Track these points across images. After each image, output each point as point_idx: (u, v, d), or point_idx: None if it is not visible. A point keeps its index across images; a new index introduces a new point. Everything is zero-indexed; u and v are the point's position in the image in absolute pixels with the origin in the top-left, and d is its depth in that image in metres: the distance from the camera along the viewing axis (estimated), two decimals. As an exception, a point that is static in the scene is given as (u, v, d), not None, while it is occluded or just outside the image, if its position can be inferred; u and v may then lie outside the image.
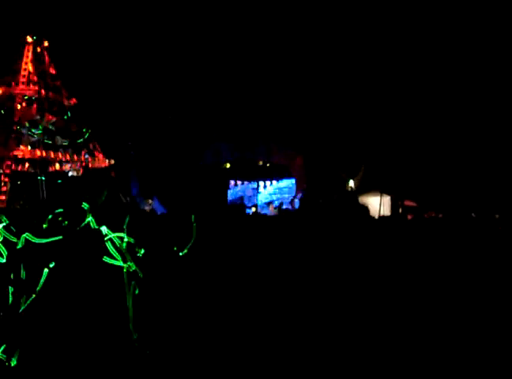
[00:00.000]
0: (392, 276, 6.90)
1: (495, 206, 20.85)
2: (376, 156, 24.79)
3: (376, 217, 19.18)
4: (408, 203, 23.18)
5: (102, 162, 30.45)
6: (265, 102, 28.95)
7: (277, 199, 28.40)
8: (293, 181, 28.77)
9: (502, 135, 24.89)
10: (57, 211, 4.85)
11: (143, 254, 5.28)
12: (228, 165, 31.02)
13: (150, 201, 27.60)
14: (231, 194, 29.62)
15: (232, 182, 30.17)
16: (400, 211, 22.43)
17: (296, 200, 26.95)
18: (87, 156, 29.73)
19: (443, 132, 25.46)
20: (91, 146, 30.24)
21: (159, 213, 23.91)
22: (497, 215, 19.19)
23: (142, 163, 31.03)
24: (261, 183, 29.39)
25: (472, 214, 19.63)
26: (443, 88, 26.00)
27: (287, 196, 28.49)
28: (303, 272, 6.94)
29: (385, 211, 21.73)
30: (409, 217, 20.16)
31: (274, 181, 29.34)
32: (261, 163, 30.83)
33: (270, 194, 28.99)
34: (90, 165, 30.20)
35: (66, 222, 4.89)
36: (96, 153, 30.48)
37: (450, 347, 4.02)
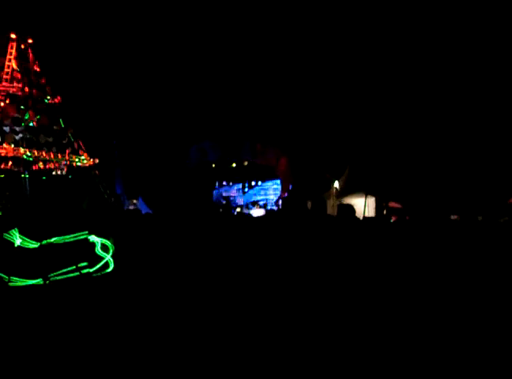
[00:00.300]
0: (379, 277, 6.91)
1: (479, 208, 21.00)
2: (361, 157, 24.88)
3: (360, 218, 19.23)
4: (392, 204, 23.31)
5: (86, 161, 30.28)
6: (250, 101, 28.95)
7: (262, 200, 28.44)
8: (278, 181, 28.82)
9: (488, 136, 25.11)
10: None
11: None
12: (213, 165, 31.01)
13: (135, 201, 27.49)
14: (215, 194, 29.62)
15: (217, 183, 30.19)
16: (385, 212, 22.51)
17: (281, 201, 27.00)
18: (71, 155, 29.52)
19: (429, 133, 25.62)
20: (75, 145, 30.04)
21: (143, 213, 23.78)
22: (480, 218, 19.31)
23: (127, 162, 30.93)
24: (246, 184, 29.42)
25: (454, 216, 19.72)
26: (428, 90, 26.16)
27: (272, 197, 28.53)
28: (290, 272, 6.92)
29: (370, 212, 21.80)
30: (393, 219, 20.25)
31: (259, 182, 29.37)
32: (246, 163, 30.83)
33: (255, 195, 29.03)
34: (74, 164, 30.01)
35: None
36: (80, 152, 30.28)
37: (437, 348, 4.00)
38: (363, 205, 21.40)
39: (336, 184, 24.34)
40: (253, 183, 29.35)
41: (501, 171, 24.43)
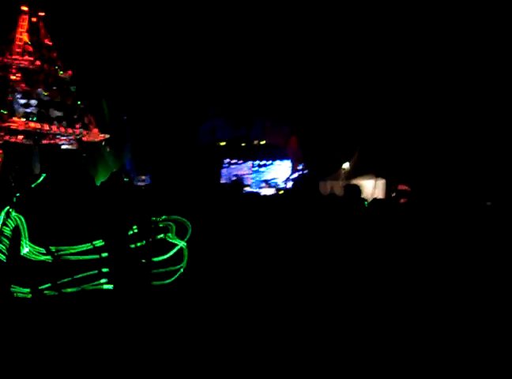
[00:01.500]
0: (386, 262, 6.89)
1: (488, 193, 20.90)
2: (372, 139, 24.77)
3: (369, 200, 19.20)
4: (401, 187, 23.23)
5: (97, 136, 30.30)
6: (261, 80, 28.77)
7: (272, 179, 28.43)
8: (289, 161, 28.77)
9: (498, 122, 24.90)
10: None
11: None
12: (223, 143, 30.92)
13: (143, 177, 27.52)
14: (225, 173, 29.61)
15: (227, 161, 30.15)
16: (394, 195, 22.46)
17: (291, 181, 26.95)
18: (81, 130, 29.56)
19: (439, 118, 25.45)
20: (86, 120, 30.05)
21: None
22: (488, 203, 19.22)
23: (137, 138, 30.94)
24: (257, 163, 29.39)
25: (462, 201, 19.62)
26: (439, 73, 25.93)
27: (282, 176, 28.50)
28: (300, 257, 6.90)
29: (379, 194, 21.75)
30: (402, 201, 20.18)
31: (270, 161, 29.33)
32: (256, 142, 30.73)
33: (265, 174, 29.02)
34: (84, 138, 30.06)
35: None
36: (90, 127, 30.30)
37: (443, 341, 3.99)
38: (372, 187, 21.39)
39: (346, 165, 24.29)
40: (263, 162, 29.31)
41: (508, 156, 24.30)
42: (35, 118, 27.60)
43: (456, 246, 8.06)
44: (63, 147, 30.58)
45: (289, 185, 26.83)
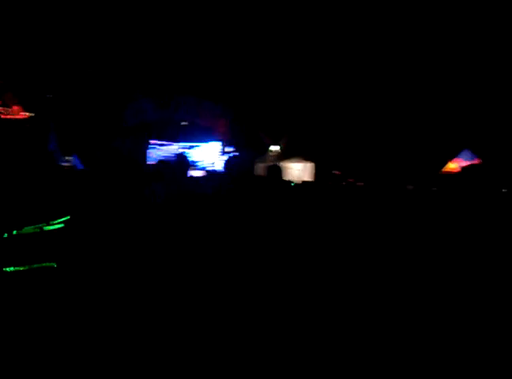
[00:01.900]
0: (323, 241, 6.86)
1: (410, 177, 21.53)
2: (302, 122, 24.97)
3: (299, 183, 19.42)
4: (330, 170, 23.59)
5: (17, 113, 28.88)
6: (188, 59, 28.29)
7: (201, 161, 28.15)
8: (217, 143, 28.55)
9: (428, 109, 25.66)
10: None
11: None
12: (151, 125, 30.29)
13: (69, 158, 26.53)
14: (152, 155, 29.05)
15: (154, 142, 29.60)
16: (323, 177, 22.76)
17: (220, 163, 26.79)
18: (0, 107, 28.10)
19: (368, 102, 25.94)
20: (5, 97, 28.58)
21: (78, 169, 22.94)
22: (410, 187, 19.81)
23: (61, 117, 29.78)
24: (185, 144, 29.02)
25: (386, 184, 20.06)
26: (368, 56, 26.35)
27: (211, 158, 28.27)
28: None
29: (308, 177, 22.03)
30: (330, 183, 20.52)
31: (197, 143, 29.02)
32: (183, 123, 30.29)
33: (192, 155, 28.68)
34: (3, 116, 28.60)
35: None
36: (10, 104, 28.85)
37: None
38: (301, 170, 21.61)
39: (275, 147, 24.40)
40: (190, 144, 28.97)
41: (434, 142, 25.15)
42: None
43: (380, 229, 8.20)
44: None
45: (219, 167, 26.68)
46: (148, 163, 27.57)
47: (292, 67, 26.42)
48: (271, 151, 24.74)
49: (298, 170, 21.61)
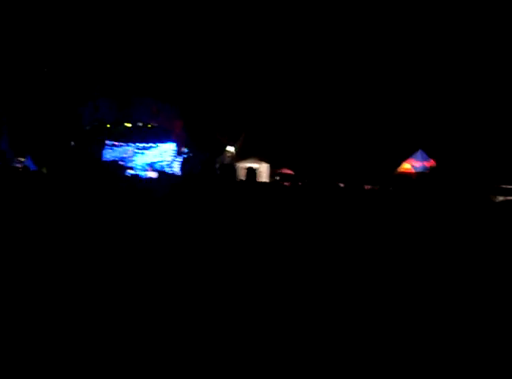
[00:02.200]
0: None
1: (366, 177, 21.91)
2: (256, 123, 25.16)
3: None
4: (285, 171, 23.90)
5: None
6: (145, 60, 28.16)
7: (157, 162, 28.06)
8: (173, 144, 28.50)
9: (378, 105, 26.15)
10: None
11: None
12: (108, 125, 30.00)
13: (22, 159, 26.03)
14: (108, 155, 28.77)
15: (110, 143, 29.33)
16: (278, 178, 23.04)
17: (176, 164, 26.81)
18: None
19: (323, 102, 26.28)
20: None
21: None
22: (367, 187, 20.17)
23: (13, 116, 29.19)
24: (141, 145, 28.87)
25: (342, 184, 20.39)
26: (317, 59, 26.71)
27: (167, 159, 28.20)
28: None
29: (264, 178, 22.24)
30: (286, 184, 20.77)
31: (154, 144, 28.91)
32: (140, 124, 30.11)
33: (150, 157, 28.58)
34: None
35: None
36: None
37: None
38: (257, 170, 21.79)
39: (231, 148, 24.55)
40: (147, 144, 28.83)
41: (390, 142, 25.66)
42: None
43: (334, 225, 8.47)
44: None
45: (175, 168, 26.69)
46: (104, 162, 27.33)
47: (246, 69, 26.59)
48: (227, 151, 24.86)
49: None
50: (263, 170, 22.67)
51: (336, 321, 3.72)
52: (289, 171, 24.08)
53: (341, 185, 21.10)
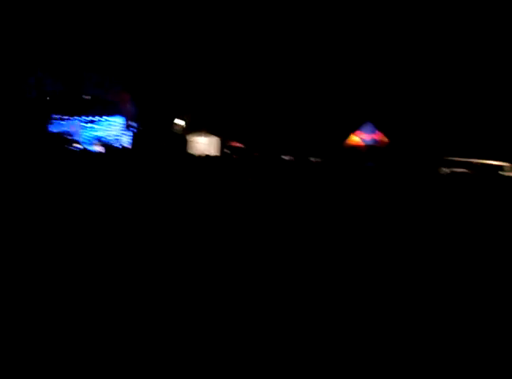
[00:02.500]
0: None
1: (314, 150, 22.15)
2: (206, 97, 24.99)
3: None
4: (235, 144, 23.92)
5: None
6: (93, 32, 27.45)
7: (104, 136, 27.55)
8: (121, 118, 28.00)
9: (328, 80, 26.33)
10: None
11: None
12: (54, 99, 29.15)
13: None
14: (55, 129, 28.06)
15: (57, 116, 28.58)
16: (228, 151, 23.07)
17: (125, 138, 26.42)
18: None
19: (270, 74, 26.25)
20: None
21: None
22: (313, 159, 20.41)
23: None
24: (88, 119, 28.25)
25: (288, 157, 20.55)
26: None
27: (115, 133, 27.72)
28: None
29: (213, 151, 22.22)
30: (235, 157, 20.80)
31: (101, 118, 28.32)
32: (87, 97, 29.39)
33: (97, 131, 28.03)
34: None
35: None
36: None
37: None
38: (206, 144, 21.77)
39: (179, 121, 24.31)
40: (94, 118, 28.23)
41: (339, 114, 25.91)
42: None
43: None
44: None
45: (123, 142, 26.30)
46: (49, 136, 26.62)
47: (193, 43, 26.30)
48: (177, 125, 24.61)
49: (203, 144, 21.74)
50: (213, 144, 22.63)
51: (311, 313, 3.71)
52: (239, 144, 24.11)
53: (289, 158, 21.40)
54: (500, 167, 22.50)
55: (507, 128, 24.83)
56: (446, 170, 19.20)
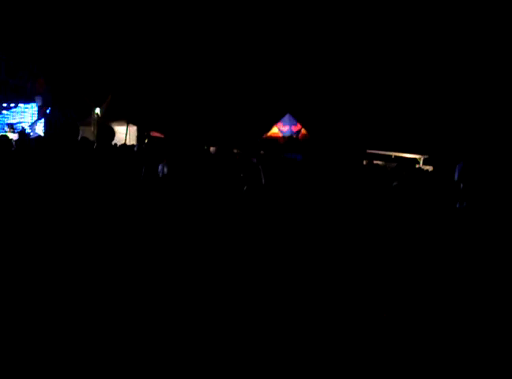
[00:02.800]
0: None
1: (235, 142, 22.17)
2: (123, 84, 24.44)
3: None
4: (155, 134, 23.51)
5: None
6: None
7: (17, 123, 26.35)
8: (34, 104, 26.87)
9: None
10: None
11: None
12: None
13: None
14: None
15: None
16: (147, 141, 22.61)
17: (39, 125, 25.39)
18: None
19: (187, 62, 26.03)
20: None
21: None
22: (236, 150, 20.42)
23: None
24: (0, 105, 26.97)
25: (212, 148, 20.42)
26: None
27: (28, 120, 26.59)
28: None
29: (132, 140, 21.75)
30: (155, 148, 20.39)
31: (14, 104, 27.10)
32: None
33: (9, 117, 26.80)
34: None
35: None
36: None
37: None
38: (124, 133, 21.26)
39: (98, 110, 23.66)
40: (6, 104, 26.98)
41: (257, 107, 26.05)
42: None
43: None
44: None
45: (37, 130, 25.25)
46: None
47: (110, 26, 25.64)
48: (95, 113, 23.90)
49: (120, 134, 21.18)
50: (131, 133, 22.13)
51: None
52: (159, 134, 23.71)
53: (212, 148, 21.25)
54: (416, 160, 23.32)
55: (422, 121, 25.76)
56: (366, 162, 19.64)
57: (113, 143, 9.60)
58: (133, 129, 22.48)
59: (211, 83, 26.00)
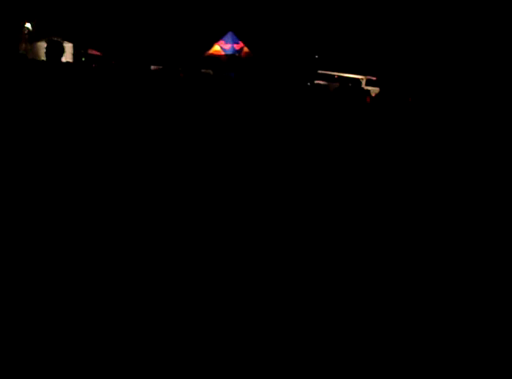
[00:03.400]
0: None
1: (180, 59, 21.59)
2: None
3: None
4: (92, 52, 22.57)
5: None
6: None
7: None
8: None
9: None
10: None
11: None
12: None
13: None
14: None
15: None
16: (84, 59, 21.68)
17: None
18: None
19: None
20: None
21: None
22: (180, 68, 19.89)
23: None
24: None
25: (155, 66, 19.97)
26: None
27: None
28: None
29: (68, 58, 20.76)
30: (94, 66, 19.61)
31: None
32: None
33: None
34: None
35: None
36: None
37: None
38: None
39: (28, 25, 22.38)
40: None
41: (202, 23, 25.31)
42: None
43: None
44: None
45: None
46: None
47: None
48: (25, 28, 22.52)
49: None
50: (66, 51, 21.02)
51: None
52: (96, 52, 22.71)
53: (154, 67, 20.57)
54: (359, 81, 23.38)
55: (368, 41, 25.74)
56: (309, 82, 19.53)
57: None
58: (68, 45, 21.39)
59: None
